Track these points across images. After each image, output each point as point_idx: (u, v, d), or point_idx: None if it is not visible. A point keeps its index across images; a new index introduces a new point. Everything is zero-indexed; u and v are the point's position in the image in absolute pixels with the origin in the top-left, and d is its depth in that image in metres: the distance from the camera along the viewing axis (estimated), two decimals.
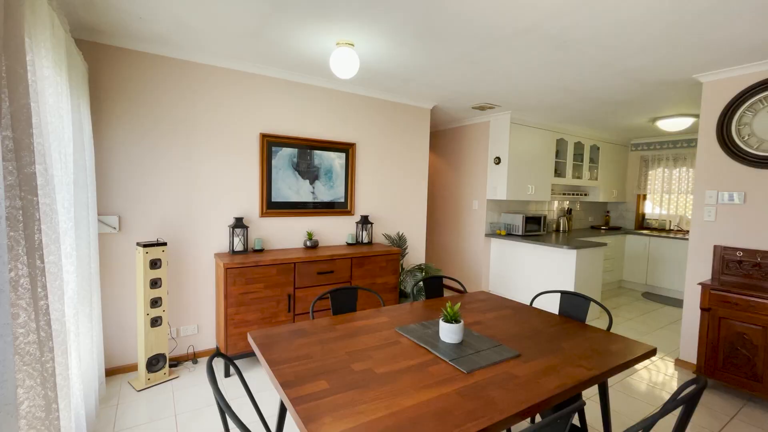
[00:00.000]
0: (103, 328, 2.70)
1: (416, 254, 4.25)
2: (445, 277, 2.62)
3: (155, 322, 2.60)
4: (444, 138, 5.51)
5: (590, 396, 2.61)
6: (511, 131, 4.52)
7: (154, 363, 2.61)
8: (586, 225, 6.38)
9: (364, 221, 3.65)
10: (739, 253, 2.84)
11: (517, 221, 4.72)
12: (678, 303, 5.02)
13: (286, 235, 3.39)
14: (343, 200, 3.66)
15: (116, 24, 2.39)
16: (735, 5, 1.94)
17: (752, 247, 2.80)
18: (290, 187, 3.36)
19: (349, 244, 3.61)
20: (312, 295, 3.04)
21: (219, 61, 2.95)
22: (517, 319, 1.98)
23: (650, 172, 6.09)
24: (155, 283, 2.58)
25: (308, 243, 3.34)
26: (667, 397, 2.66)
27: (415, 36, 2.43)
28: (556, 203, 5.75)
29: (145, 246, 2.52)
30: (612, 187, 6.05)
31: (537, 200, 5.21)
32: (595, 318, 4.27)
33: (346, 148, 3.64)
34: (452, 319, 1.62)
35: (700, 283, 2.79)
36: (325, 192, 3.55)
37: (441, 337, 1.64)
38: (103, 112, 2.62)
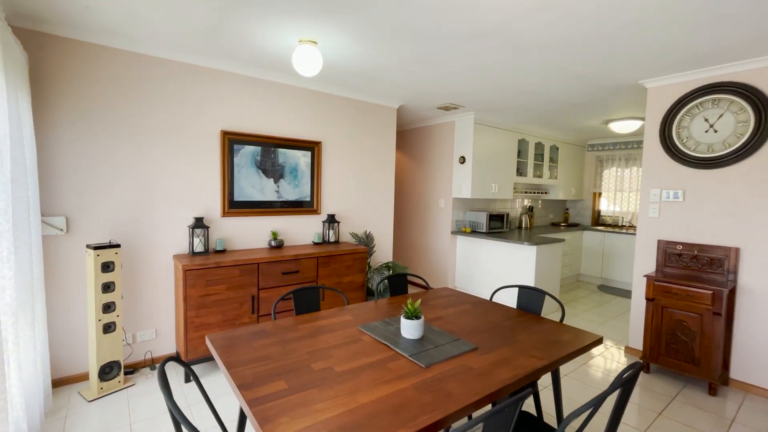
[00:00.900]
0: (50, 336, 2.53)
1: (384, 252, 4.29)
2: (410, 275, 2.67)
3: (108, 328, 2.48)
4: (411, 137, 5.57)
5: (548, 384, 2.74)
6: (475, 131, 4.64)
7: (108, 371, 2.49)
8: (547, 222, 6.66)
9: (331, 220, 3.63)
10: (679, 247, 3.07)
11: (482, 219, 4.86)
12: (630, 294, 5.35)
13: (250, 235, 3.32)
14: (309, 199, 3.63)
15: (60, 12, 2.24)
16: (665, 17, 2.10)
17: (690, 241, 3.03)
18: (254, 185, 3.29)
19: (315, 244, 3.58)
20: (277, 295, 2.99)
21: (176, 54, 2.84)
22: (477, 314, 2.05)
23: (605, 172, 6.45)
24: (108, 287, 2.46)
25: (273, 243, 3.29)
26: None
27: (379, 36, 2.45)
28: (518, 201, 5.97)
29: (96, 248, 2.39)
30: (570, 185, 6.35)
31: (500, 198, 5.38)
32: (553, 311, 4.47)
33: (312, 147, 3.61)
34: (413, 316, 1.65)
35: (645, 275, 3.00)
36: (290, 191, 3.51)
37: (402, 334, 1.67)
38: (48, 106, 2.45)
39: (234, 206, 3.20)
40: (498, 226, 5.05)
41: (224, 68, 3.06)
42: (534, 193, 5.97)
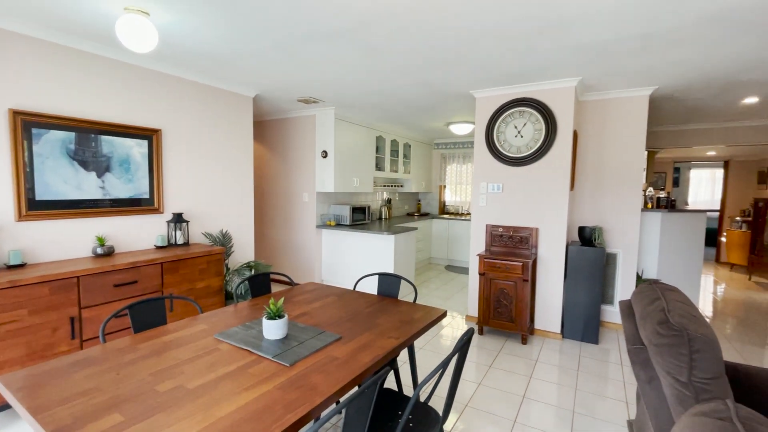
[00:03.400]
0: None
1: (244, 251, 4.02)
2: (273, 273, 2.57)
3: None
4: (272, 128, 5.33)
5: (406, 359, 3.04)
6: (336, 126, 4.73)
7: None
8: (403, 213, 7.31)
9: (178, 220, 3.21)
10: (501, 229, 3.79)
11: (345, 212, 5.02)
12: (469, 272, 6.35)
13: (64, 242, 2.66)
14: (147, 196, 3.11)
15: None
16: (487, 41, 2.54)
17: (508, 224, 3.77)
18: (67, 180, 2.64)
19: (158, 248, 3.11)
20: (108, 313, 2.49)
21: None
22: (341, 305, 2.12)
23: (448, 167, 7.43)
24: None
25: (99, 250, 2.72)
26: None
27: (229, 16, 2.25)
28: (378, 194, 6.37)
29: None
30: (421, 179, 7.10)
31: (362, 192, 5.65)
32: (410, 292, 4.97)
33: (149, 135, 3.10)
34: (275, 316, 1.61)
35: (477, 254, 3.60)
36: (120, 187, 2.94)
37: (265, 336, 1.61)
38: None
39: (37, 207, 2.51)
40: (361, 218, 5.29)
41: (14, 28, 2.34)
42: (391, 186, 6.46)
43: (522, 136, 3.63)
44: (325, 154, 4.78)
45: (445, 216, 6.97)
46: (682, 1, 1.97)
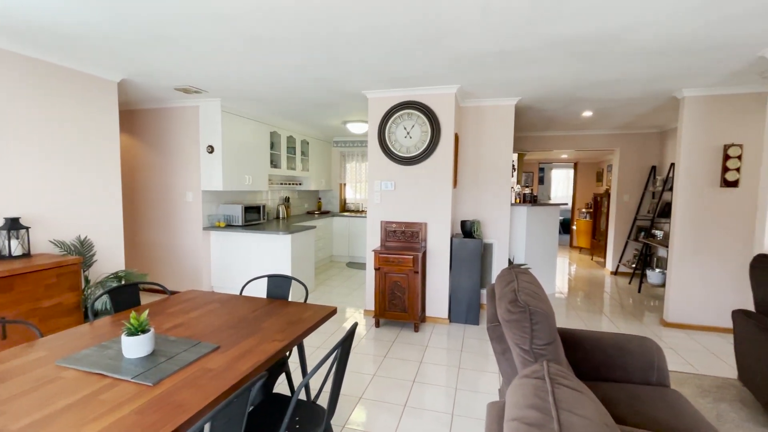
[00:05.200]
0: None
1: (112, 260, 3.47)
2: (145, 283, 2.28)
3: None
4: (147, 119, 4.69)
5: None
6: (223, 120, 4.39)
7: None
8: (303, 211, 7.16)
9: (12, 226, 2.62)
10: (394, 225, 3.97)
11: (237, 212, 4.71)
12: None
13: None
14: None
15: None
16: (373, 40, 2.63)
17: (401, 220, 3.97)
18: None
19: None
20: None
21: None
22: (223, 312, 1.99)
23: (347, 165, 7.50)
24: None
25: None
26: (363, 342, 3.42)
27: None
28: (275, 192, 6.12)
29: None
30: (321, 177, 7.04)
31: (255, 190, 5.35)
32: (310, 292, 4.90)
33: None
34: (138, 331, 1.43)
35: (373, 250, 3.72)
36: None
37: (125, 355, 1.42)
38: None
39: None
40: (255, 218, 5.02)
41: None
42: (289, 184, 6.27)
43: (411, 137, 3.85)
44: (211, 150, 4.40)
45: (346, 214, 7.03)
46: (534, 25, 2.30)
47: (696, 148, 3.71)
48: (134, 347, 1.40)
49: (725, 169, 3.63)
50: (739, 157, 3.59)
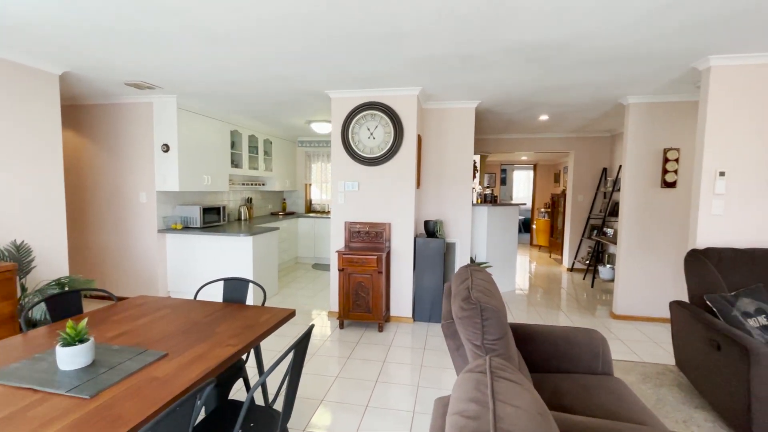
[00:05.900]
0: None
1: (54, 266, 3.24)
2: (87, 289, 2.14)
3: None
4: (95, 115, 4.41)
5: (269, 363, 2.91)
6: (179, 117, 4.21)
7: None
8: (267, 212, 6.99)
9: None
10: (358, 226, 3.96)
11: (195, 213, 4.52)
12: None
13: None
14: None
15: None
16: (335, 42, 2.61)
17: (365, 220, 3.97)
18: None
19: None
20: None
21: None
22: (175, 317, 1.90)
23: (313, 165, 7.41)
24: None
25: None
26: (327, 343, 3.38)
27: None
28: (237, 193, 5.94)
29: None
30: (285, 177, 6.91)
31: (215, 191, 5.17)
32: (272, 295, 4.79)
33: None
34: (75, 340, 1.34)
35: (337, 251, 3.69)
36: None
37: (60, 367, 1.32)
38: None
39: None
40: (214, 219, 4.85)
41: None
42: (251, 184, 6.10)
43: (374, 138, 3.86)
44: (166, 148, 4.21)
45: (311, 214, 6.94)
46: (490, 31, 2.38)
47: (639, 152, 3.97)
48: (70, 358, 1.31)
49: (665, 171, 3.92)
50: (677, 160, 3.89)
